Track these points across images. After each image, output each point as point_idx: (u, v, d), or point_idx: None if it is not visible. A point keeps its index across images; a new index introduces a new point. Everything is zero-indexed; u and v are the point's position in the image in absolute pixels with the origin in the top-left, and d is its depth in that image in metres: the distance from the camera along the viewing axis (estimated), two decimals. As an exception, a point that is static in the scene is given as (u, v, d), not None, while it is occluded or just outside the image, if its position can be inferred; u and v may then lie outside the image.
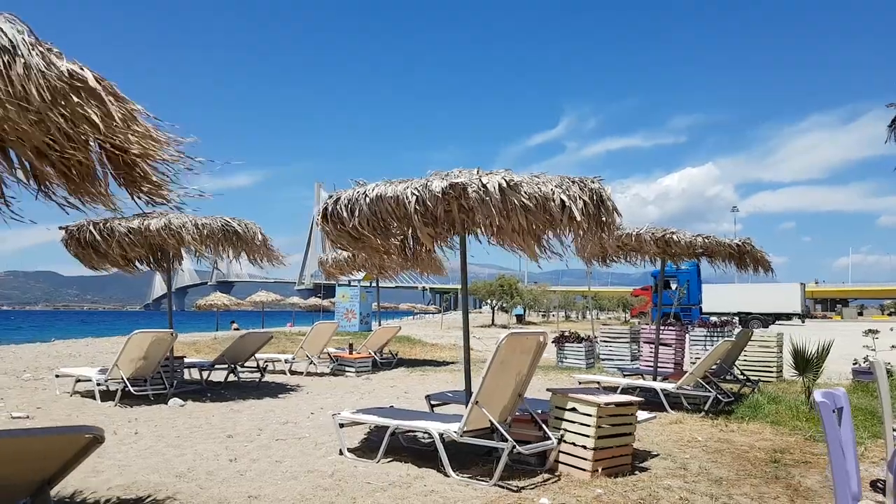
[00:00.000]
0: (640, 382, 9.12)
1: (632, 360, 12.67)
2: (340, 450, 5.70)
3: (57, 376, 9.53)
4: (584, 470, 5.00)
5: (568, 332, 14.15)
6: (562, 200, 4.98)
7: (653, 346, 11.20)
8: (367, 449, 5.83)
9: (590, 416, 5.04)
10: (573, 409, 5.15)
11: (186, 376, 10.52)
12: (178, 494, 4.51)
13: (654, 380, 9.41)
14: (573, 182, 5.15)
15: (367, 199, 5.18)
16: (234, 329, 28.79)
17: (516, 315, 46.86)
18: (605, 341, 13.21)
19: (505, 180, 4.95)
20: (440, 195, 4.96)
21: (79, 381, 9.08)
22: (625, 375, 10.17)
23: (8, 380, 10.64)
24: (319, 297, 36.21)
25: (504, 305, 43.30)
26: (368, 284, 23.64)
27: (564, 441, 5.14)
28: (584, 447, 5.03)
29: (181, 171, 3.22)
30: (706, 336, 12.75)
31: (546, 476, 5.03)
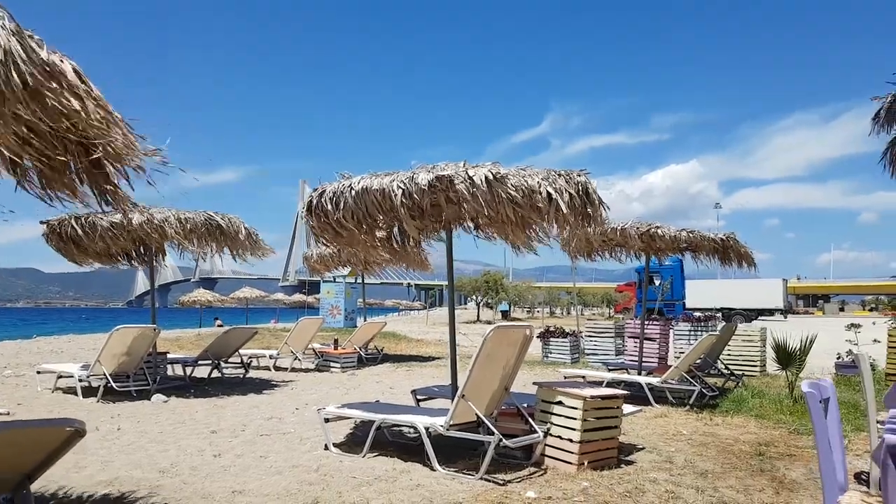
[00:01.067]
0: (624, 377, 9.15)
1: (616, 355, 12.71)
2: (326, 445, 5.66)
3: (38, 373, 9.39)
4: (570, 463, 5.00)
5: (553, 327, 14.18)
6: (548, 193, 4.97)
7: (637, 340, 11.24)
8: (352, 444, 5.80)
9: (576, 409, 5.04)
10: (559, 403, 5.15)
11: (170, 372, 10.43)
12: (161, 490, 4.46)
13: (639, 374, 9.45)
14: (559, 175, 5.14)
15: (353, 192, 5.14)
16: (218, 325, 28.59)
17: (501, 311, 46.87)
18: (589, 336, 13.25)
19: (491, 173, 4.93)
20: (426, 188, 4.93)
21: (60, 377, 8.97)
22: (609, 370, 10.20)
23: (-12, 376, 10.51)
24: (303, 293, 35.98)
25: (489, 301, 43.34)
26: (353, 280, 23.56)
27: (551, 434, 5.14)
28: (571, 440, 5.03)
29: (150, 174, 3.18)
30: (690, 331, 12.81)
31: (532, 469, 5.03)
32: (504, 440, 4.71)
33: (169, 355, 10.37)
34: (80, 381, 8.39)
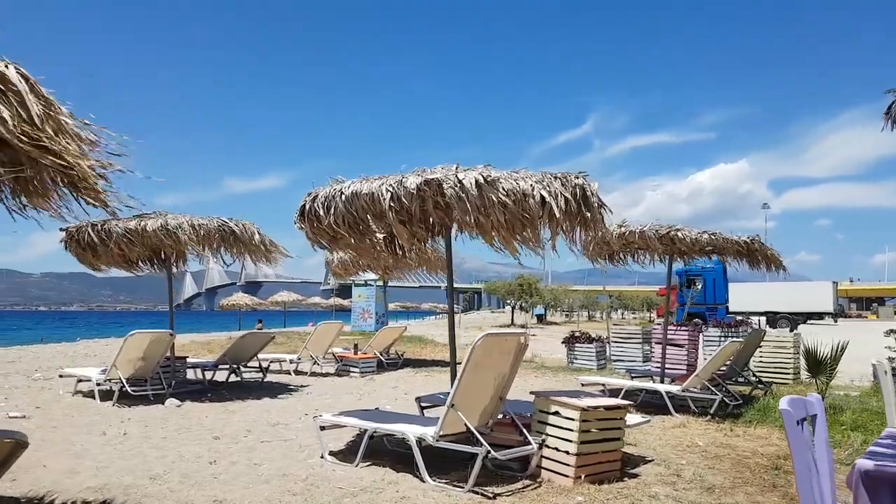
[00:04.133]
0: (644, 384, 8.88)
1: (644, 362, 12.38)
2: (322, 453, 5.58)
3: (61, 376, 9.58)
4: (566, 476, 4.81)
5: (579, 332, 13.90)
6: (542, 196, 4.80)
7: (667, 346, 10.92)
8: (350, 452, 5.68)
9: (572, 420, 4.86)
10: (556, 413, 4.97)
11: (191, 376, 10.49)
12: (145, 498, 4.43)
13: (661, 381, 9.17)
14: (555, 178, 4.98)
15: (343, 197, 5.07)
16: (258, 328, 29.00)
17: (537, 315, 46.37)
18: (616, 342, 12.92)
19: (482, 176, 4.80)
20: (415, 192, 4.82)
21: (80, 381, 9.10)
22: (633, 377, 9.91)
23: (19, 379, 10.75)
24: (338, 296, 36.31)
25: (523, 305, 42.91)
26: (384, 284, 23.55)
27: (547, 446, 4.96)
28: (567, 452, 4.84)
29: (121, 176, 3.15)
30: (720, 336, 12.41)
31: (527, 482, 4.85)
32: (492, 452, 4.55)
33: (188, 359, 10.45)
34: (98, 385, 8.49)
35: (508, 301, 44.27)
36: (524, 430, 4.96)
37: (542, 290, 44.38)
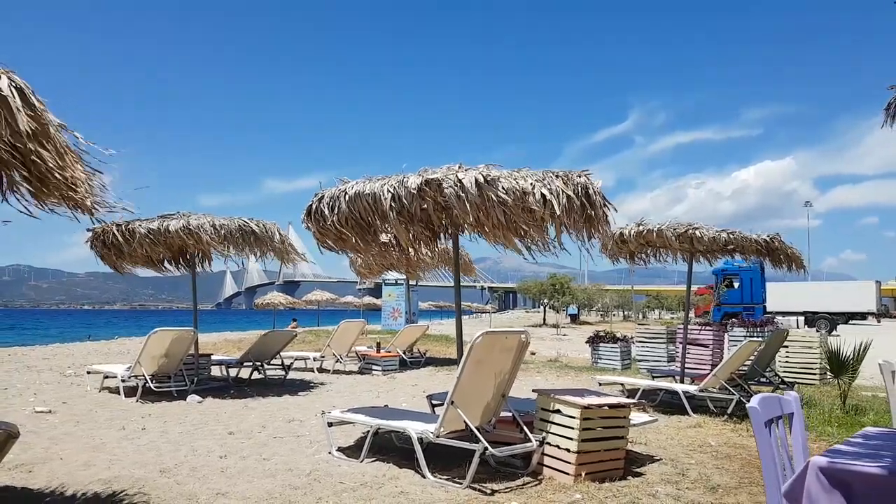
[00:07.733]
0: (662, 384, 8.80)
1: (669, 361, 12.25)
2: (329, 449, 5.67)
3: (88, 373, 9.87)
4: (567, 474, 4.83)
5: (603, 333, 13.82)
6: (542, 195, 4.82)
7: (690, 346, 10.81)
8: (359, 448, 5.74)
9: (573, 417, 4.87)
10: (557, 411, 4.98)
11: (219, 374, 10.70)
12: (152, 490, 4.56)
13: (681, 381, 9.09)
14: (556, 176, 4.99)
15: (347, 197, 5.15)
16: (293, 326, 29.39)
17: (570, 314, 46.04)
18: (640, 342, 12.81)
19: (482, 175, 4.83)
20: (415, 192, 4.87)
21: (107, 377, 9.36)
22: (654, 377, 9.83)
23: (51, 376, 11.11)
24: (365, 295, 36.66)
25: (554, 304, 42.61)
26: (414, 283, 23.66)
27: (548, 444, 4.98)
28: (568, 450, 4.85)
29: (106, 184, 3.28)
30: (746, 336, 12.23)
31: (527, 479, 4.88)
32: (489, 449, 4.58)
33: (213, 357, 10.68)
34: (123, 381, 8.73)
35: (541, 300, 44.03)
36: (525, 428, 4.98)
37: (575, 289, 44.02)
